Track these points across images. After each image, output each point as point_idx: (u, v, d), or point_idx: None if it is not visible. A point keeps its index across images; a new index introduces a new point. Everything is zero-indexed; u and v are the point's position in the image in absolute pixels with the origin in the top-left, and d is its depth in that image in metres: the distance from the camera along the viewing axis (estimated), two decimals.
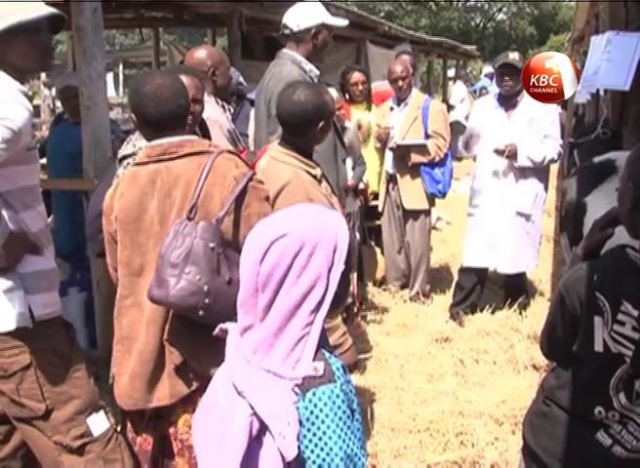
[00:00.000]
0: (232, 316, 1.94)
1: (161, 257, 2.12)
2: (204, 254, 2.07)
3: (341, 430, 1.43)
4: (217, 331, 1.70)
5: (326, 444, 1.43)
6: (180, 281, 2.06)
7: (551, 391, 1.98)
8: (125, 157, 2.92)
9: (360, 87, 5.64)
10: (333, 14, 3.71)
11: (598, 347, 1.81)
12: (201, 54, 3.35)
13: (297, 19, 3.52)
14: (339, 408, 1.44)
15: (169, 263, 2.07)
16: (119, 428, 2.61)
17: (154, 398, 2.27)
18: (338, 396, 1.44)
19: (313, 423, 1.43)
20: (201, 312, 2.07)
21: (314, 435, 1.43)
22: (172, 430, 2.29)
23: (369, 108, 5.80)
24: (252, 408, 1.44)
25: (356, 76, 5.64)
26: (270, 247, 1.46)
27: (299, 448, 1.41)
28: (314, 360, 1.47)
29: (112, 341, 3.26)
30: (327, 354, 1.51)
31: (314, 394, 1.44)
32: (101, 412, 2.49)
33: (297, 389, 1.44)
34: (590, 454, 1.88)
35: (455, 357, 4.57)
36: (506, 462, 3.37)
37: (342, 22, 3.67)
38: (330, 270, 1.48)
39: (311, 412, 1.43)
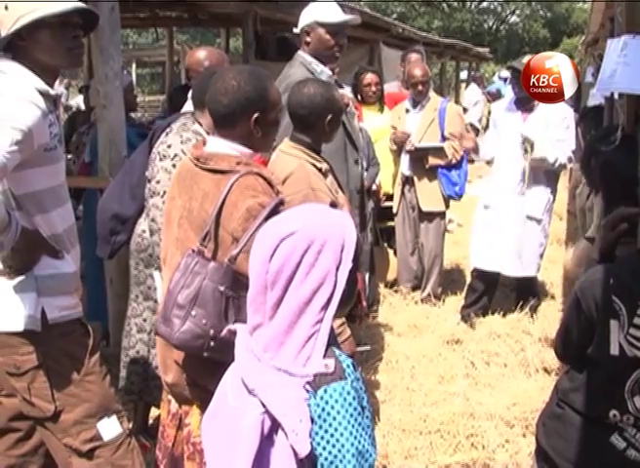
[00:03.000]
0: None
1: (169, 293, 2.04)
2: (212, 298, 1.98)
3: (353, 426, 1.44)
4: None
5: (337, 440, 1.44)
6: (186, 323, 1.97)
7: (565, 393, 1.99)
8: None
9: (373, 88, 5.62)
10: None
11: (614, 351, 1.81)
12: (200, 55, 3.34)
13: (300, 20, 3.53)
14: (350, 404, 1.45)
15: (175, 303, 1.99)
16: (131, 425, 2.59)
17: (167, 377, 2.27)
18: (349, 393, 1.45)
19: (325, 420, 1.44)
20: (206, 353, 1.99)
21: (326, 432, 1.44)
22: (185, 432, 2.26)
23: (381, 110, 5.78)
24: (263, 406, 1.45)
25: (369, 77, 5.63)
26: (279, 244, 1.47)
27: (311, 444, 1.42)
28: (324, 357, 1.48)
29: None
30: (337, 351, 1.52)
31: (325, 391, 1.45)
32: (114, 417, 2.44)
33: (308, 386, 1.45)
34: (604, 457, 1.88)
35: (466, 359, 4.57)
36: (517, 465, 3.37)
37: (339, 18, 3.50)
38: (338, 268, 1.49)
39: (323, 409, 1.44)
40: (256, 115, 2.11)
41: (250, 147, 2.18)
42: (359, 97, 5.62)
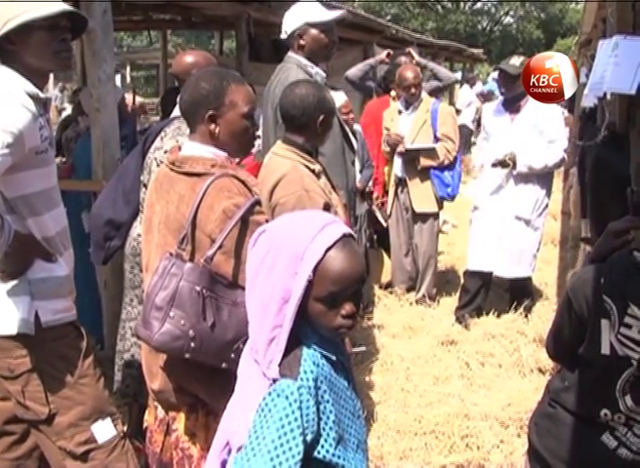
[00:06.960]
0: (222, 354, 1.94)
1: (147, 296, 2.04)
2: (189, 298, 1.97)
3: (277, 431, 1.37)
4: None
5: (257, 436, 1.39)
6: (165, 324, 1.96)
7: (557, 393, 1.99)
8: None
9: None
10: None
11: (605, 350, 1.82)
12: (187, 59, 3.30)
13: (285, 25, 3.49)
14: (283, 409, 1.39)
15: (154, 305, 1.99)
16: (126, 427, 2.58)
17: (153, 384, 2.26)
18: (292, 393, 1.40)
19: (258, 413, 1.42)
20: (187, 355, 1.98)
21: (254, 423, 1.41)
22: (174, 438, 2.24)
23: None
24: None
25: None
26: (257, 238, 1.52)
27: None
28: (287, 355, 1.45)
29: None
30: (306, 353, 1.47)
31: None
32: (108, 420, 2.44)
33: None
34: (595, 456, 1.89)
35: (460, 360, 4.57)
36: (512, 465, 3.37)
37: (330, 16, 3.46)
38: (295, 278, 1.45)
39: (263, 399, 1.43)
40: (210, 112, 2.13)
41: (222, 149, 2.18)
42: (392, 92, 5.77)
